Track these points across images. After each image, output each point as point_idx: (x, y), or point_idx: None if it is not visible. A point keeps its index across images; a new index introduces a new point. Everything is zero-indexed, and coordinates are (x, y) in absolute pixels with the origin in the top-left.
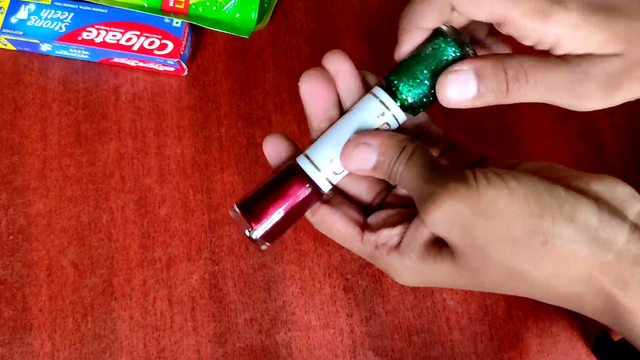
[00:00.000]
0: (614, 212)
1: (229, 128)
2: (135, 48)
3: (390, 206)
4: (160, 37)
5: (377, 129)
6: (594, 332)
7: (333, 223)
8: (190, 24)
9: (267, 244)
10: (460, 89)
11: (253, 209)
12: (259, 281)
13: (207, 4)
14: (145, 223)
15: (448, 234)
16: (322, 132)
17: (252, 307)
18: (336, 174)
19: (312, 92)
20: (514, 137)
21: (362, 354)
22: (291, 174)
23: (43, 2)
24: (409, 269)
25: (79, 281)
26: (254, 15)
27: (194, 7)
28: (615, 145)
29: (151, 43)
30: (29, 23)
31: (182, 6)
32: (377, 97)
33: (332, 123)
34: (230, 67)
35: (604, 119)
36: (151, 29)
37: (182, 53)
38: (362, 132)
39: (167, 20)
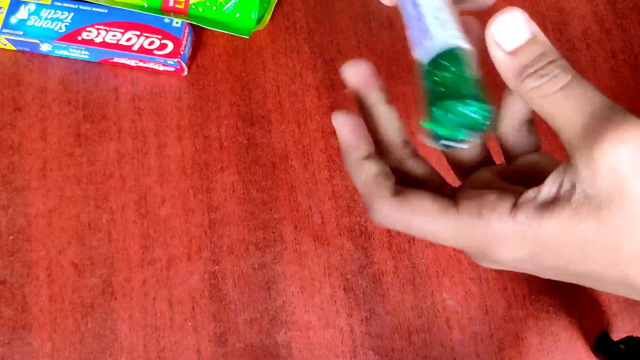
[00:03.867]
0: None
1: (229, 128)
2: (135, 48)
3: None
4: (160, 37)
5: None
6: (594, 332)
7: (420, 199)
8: (190, 24)
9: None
10: None
11: None
12: (259, 281)
13: (207, 4)
14: (145, 223)
15: (623, 175)
16: None
17: (252, 307)
18: None
19: None
20: None
21: (362, 354)
22: None
23: (43, 2)
24: (520, 233)
25: (79, 281)
26: (254, 15)
27: (194, 7)
28: None
29: (151, 43)
30: (29, 23)
31: (182, 6)
32: None
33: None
34: (230, 67)
35: None
36: (151, 29)
37: (182, 53)
38: None
39: (167, 20)
